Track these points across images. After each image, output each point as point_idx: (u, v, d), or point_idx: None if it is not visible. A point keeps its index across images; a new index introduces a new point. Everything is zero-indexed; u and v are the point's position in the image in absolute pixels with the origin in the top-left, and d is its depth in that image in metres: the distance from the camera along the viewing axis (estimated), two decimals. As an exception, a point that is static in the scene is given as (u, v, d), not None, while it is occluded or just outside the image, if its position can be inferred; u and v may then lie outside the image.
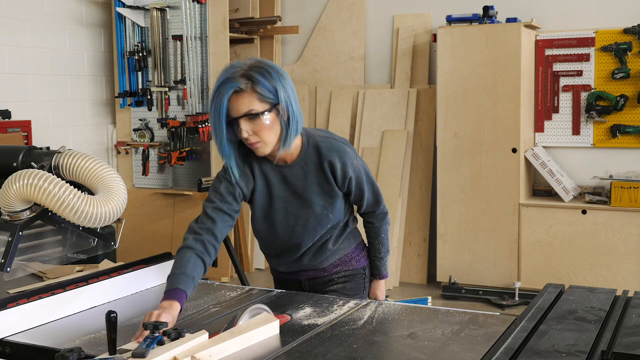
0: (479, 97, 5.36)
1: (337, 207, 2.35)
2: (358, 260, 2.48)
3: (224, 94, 2.09)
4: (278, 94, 2.12)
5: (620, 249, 5.04)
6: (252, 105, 2.10)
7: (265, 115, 2.12)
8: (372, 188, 2.41)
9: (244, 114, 2.11)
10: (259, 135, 2.14)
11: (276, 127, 2.16)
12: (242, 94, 2.10)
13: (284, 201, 2.32)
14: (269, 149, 2.19)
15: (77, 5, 5.96)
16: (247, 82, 2.09)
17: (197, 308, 2.17)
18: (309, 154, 2.29)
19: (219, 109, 2.10)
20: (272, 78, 2.12)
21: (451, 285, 5.46)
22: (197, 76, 5.95)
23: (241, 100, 2.10)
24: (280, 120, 2.16)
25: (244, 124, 2.12)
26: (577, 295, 2.04)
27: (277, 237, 2.38)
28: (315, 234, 2.36)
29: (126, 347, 1.70)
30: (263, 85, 2.10)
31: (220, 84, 2.11)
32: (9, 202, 2.17)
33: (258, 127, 2.13)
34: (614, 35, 5.31)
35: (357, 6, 6.27)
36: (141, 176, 6.25)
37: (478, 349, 1.73)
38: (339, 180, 2.30)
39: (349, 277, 2.46)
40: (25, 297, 2.03)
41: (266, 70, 2.12)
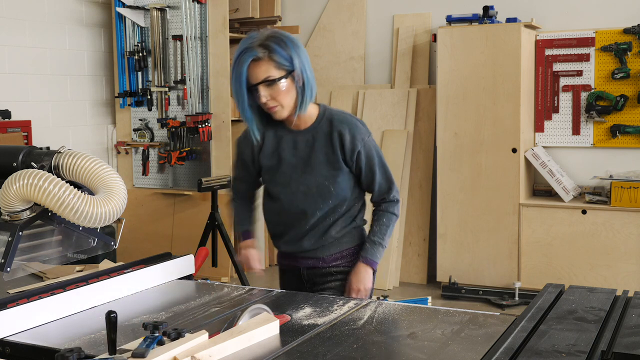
0: (479, 97, 5.36)
1: (340, 181, 2.42)
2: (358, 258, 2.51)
3: (243, 62, 2.27)
4: (293, 61, 2.30)
5: (620, 249, 5.04)
6: (269, 72, 2.28)
7: (282, 82, 2.29)
8: (384, 171, 2.47)
9: (262, 81, 2.28)
10: (277, 99, 2.32)
11: (292, 92, 2.33)
12: (260, 62, 2.27)
13: (291, 166, 2.44)
14: (286, 112, 2.36)
15: (77, 5, 5.97)
16: (265, 51, 2.27)
17: (197, 308, 2.17)
18: (322, 124, 2.43)
19: (240, 77, 2.28)
20: (287, 47, 2.29)
21: (451, 285, 5.46)
22: (197, 76, 5.95)
23: (259, 68, 2.28)
24: (295, 86, 2.33)
25: (262, 90, 2.30)
26: (577, 295, 2.04)
27: (281, 204, 2.51)
28: (316, 205, 2.43)
29: (126, 347, 1.70)
30: (279, 54, 2.27)
31: (240, 53, 2.29)
32: (9, 202, 2.17)
33: (275, 92, 2.30)
34: (614, 35, 5.31)
35: (357, 6, 6.27)
36: (141, 176, 6.25)
37: (478, 349, 1.73)
38: (346, 152, 2.40)
39: (347, 274, 2.49)
40: (25, 297, 2.03)
41: (282, 39, 2.29)
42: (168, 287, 2.41)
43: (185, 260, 2.54)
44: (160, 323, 1.68)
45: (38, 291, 2.09)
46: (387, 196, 2.49)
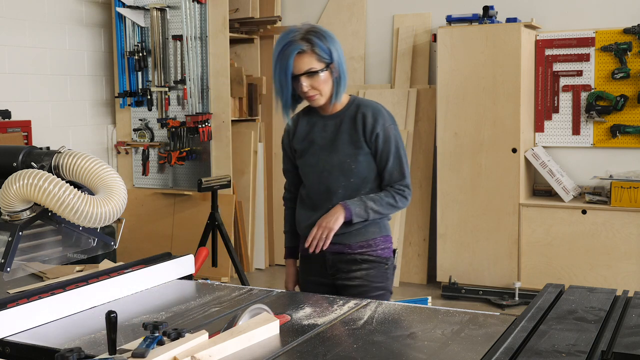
0: (479, 97, 5.36)
1: (361, 160, 2.56)
2: (383, 249, 2.62)
3: (289, 54, 2.45)
4: (332, 54, 2.50)
5: (620, 249, 5.04)
6: (312, 64, 2.47)
7: (322, 73, 2.49)
8: (399, 162, 2.58)
9: (305, 72, 2.48)
10: (317, 88, 2.51)
11: (329, 82, 2.53)
12: (304, 54, 2.46)
13: (319, 147, 2.62)
14: (323, 100, 2.55)
15: (77, 5, 5.97)
16: (308, 45, 2.46)
17: (197, 308, 2.17)
18: (350, 109, 2.61)
19: (286, 68, 2.46)
20: (326, 41, 2.49)
21: (451, 285, 5.46)
22: (197, 76, 5.95)
23: (302, 60, 2.47)
24: (332, 77, 2.52)
25: (304, 80, 2.49)
26: (577, 295, 2.04)
27: (310, 185, 2.65)
28: (338, 181, 2.57)
29: (126, 347, 1.70)
30: (320, 47, 2.47)
31: (284, 46, 2.46)
32: (9, 202, 2.17)
33: (316, 82, 2.50)
34: (614, 35, 5.31)
35: (357, 6, 6.27)
36: (141, 176, 6.25)
37: (478, 349, 1.73)
38: (367, 132, 2.55)
39: (372, 265, 2.59)
40: (25, 297, 2.03)
41: (322, 34, 2.49)
42: (168, 287, 2.41)
43: (185, 260, 2.54)
44: (160, 323, 1.68)
45: (38, 291, 2.09)
46: (395, 184, 2.60)
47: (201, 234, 5.32)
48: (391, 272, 2.66)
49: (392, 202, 2.58)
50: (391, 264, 2.66)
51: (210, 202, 5.33)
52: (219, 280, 5.60)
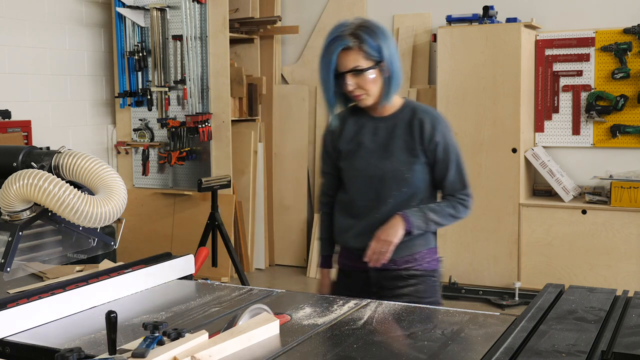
0: (479, 97, 5.36)
1: (416, 170, 2.40)
2: (430, 262, 2.49)
3: (333, 50, 2.32)
4: (382, 52, 2.32)
5: (620, 249, 5.04)
6: (358, 62, 2.31)
7: (370, 72, 2.32)
8: (459, 171, 2.44)
9: (350, 70, 2.32)
10: (363, 88, 2.35)
11: (379, 82, 2.36)
12: (350, 51, 2.31)
13: (369, 151, 2.44)
14: (371, 100, 2.39)
15: (77, 5, 5.97)
16: (355, 41, 2.30)
17: (197, 308, 2.17)
18: (404, 112, 2.44)
19: (328, 64, 2.33)
20: (377, 37, 2.32)
21: (451, 285, 5.46)
22: (197, 76, 5.95)
23: (348, 57, 2.31)
24: (382, 76, 2.35)
25: (349, 79, 2.33)
26: (577, 295, 2.04)
27: (355, 191, 2.47)
28: (390, 191, 2.40)
29: (126, 347, 1.70)
30: (369, 44, 2.30)
31: (330, 41, 2.34)
32: (9, 202, 2.17)
33: (362, 81, 2.34)
34: (614, 35, 5.31)
35: (357, 6, 6.27)
36: (141, 176, 6.25)
37: (478, 349, 1.73)
38: (425, 140, 2.39)
39: (420, 279, 2.44)
40: (25, 297, 2.03)
41: (372, 30, 2.32)
42: (168, 287, 2.40)
43: (185, 260, 2.54)
44: (160, 323, 1.68)
45: (38, 291, 2.09)
46: (456, 194, 2.45)
47: (201, 234, 5.32)
48: (439, 285, 2.52)
49: (452, 213, 2.43)
50: (439, 276, 2.53)
51: (210, 202, 5.33)
52: (219, 280, 5.60)
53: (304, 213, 6.44)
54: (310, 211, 6.47)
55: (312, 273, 6.13)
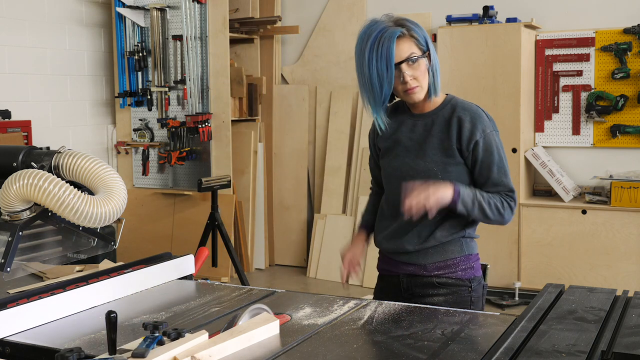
0: (479, 97, 5.36)
1: (450, 171, 2.25)
2: (465, 269, 2.31)
3: (388, 39, 2.18)
4: (427, 42, 2.26)
5: (620, 249, 5.04)
6: (412, 49, 2.22)
7: (424, 59, 2.24)
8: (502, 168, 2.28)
9: (406, 58, 2.20)
10: (418, 79, 2.25)
11: (427, 74, 2.28)
12: (403, 39, 2.21)
13: (404, 149, 2.33)
14: (423, 93, 2.28)
15: (77, 5, 5.97)
16: (404, 29, 2.22)
17: (197, 308, 2.17)
18: (445, 109, 2.33)
19: (386, 55, 2.17)
20: (419, 29, 2.26)
21: (451, 285, 5.45)
22: (197, 76, 5.95)
23: (402, 45, 2.20)
24: (429, 69, 2.27)
25: (406, 69, 2.22)
26: (577, 295, 2.04)
27: (390, 190, 2.37)
28: None
29: (126, 347, 1.70)
30: (417, 32, 2.23)
31: (378, 32, 2.20)
32: (9, 202, 2.17)
33: (417, 72, 2.24)
34: (614, 35, 5.31)
35: (357, 6, 6.27)
36: (141, 176, 6.25)
37: (478, 349, 1.73)
38: (463, 140, 2.26)
39: (452, 289, 2.29)
40: (25, 297, 2.03)
41: (410, 21, 2.26)
42: (168, 287, 2.40)
43: (185, 260, 2.54)
44: (161, 323, 1.68)
45: (38, 291, 2.09)
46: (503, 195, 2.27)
47: (201, 234, 5.32)
48: (478, 295, 2.33)
49: (499, 208, 2.25)
50: (478, 285, 2.33)
51: (210, 202, 5.33)
52: (219, 280, 5.60)
53: (304, 213, 6.44)
54: (310, 211, 6.47)
55: (312, 273, 6.13)
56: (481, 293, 2.35)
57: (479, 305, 2.34)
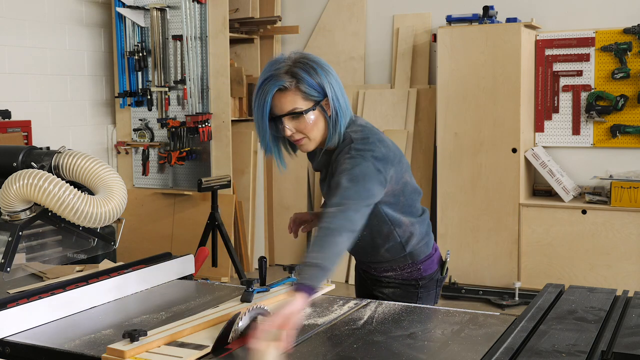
0: (479, 97, 5.36)
1: None
2: (411, 272, 2.36)
3: (267, 91, 2.06)
4: (324, 89, 2.10)
5: (620, 249, 5.04)
6: (295, 104, 2.08)
7: (309, 114, 2.09)
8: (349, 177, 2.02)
9: (287, 113, 2.08)
10: (303, 132, 2.12)
11: (320, 123, 2.13)
12: (286, 92, 2.07)
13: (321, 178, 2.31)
14: (312, 145, 2.17)
15: (77, 5, 5.97)
16: (292, 80, 2.06)
17: (197, 308, 2.17)
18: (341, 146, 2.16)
19: (262, 107, 2.08)
20: (317, 74, 2.08)
21: (451, 285, 5.46)
22: (197, 76, 5.95)
23: (285, 99, 2.07)
24: (324, 116, 2.13)
25: (287, 122, 2.10)
26: (577, 295, 2.04)
27: None
28: None
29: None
30: (307, 83, 2.07)
31: (264, 80, 2.09)
32: (9, 202, 2.17)
33: (302, 125, 2.11)
34: (614, 35, 5.31)
35: (357, 6, 6.27)
36: (141, 176, 6.25)
37: (478, 349, 1.73)
38: None
39: (399, 285, 2.38)
40: (25, 297, 2.03)
41: (311, 66, 2.08)
42: (168, 287, 2.41)
43: (185, 260, 2.54)
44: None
45: (38, 291, 2.09)
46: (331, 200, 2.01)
47: (201, 234, 5.32)
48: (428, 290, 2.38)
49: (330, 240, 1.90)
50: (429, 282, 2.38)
51: (210, 202, 5.33)
52: (219, 280, 5.60)
53: (304, 213, 6.44)
54: (311, 211, 6.47)
55: (312, 273, 6.12)
56: (434, 287, 2.41)
57: (429, 299, 2.39)
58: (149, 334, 1.75)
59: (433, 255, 2.43)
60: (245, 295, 2.08)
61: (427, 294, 2.39)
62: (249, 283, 2.09)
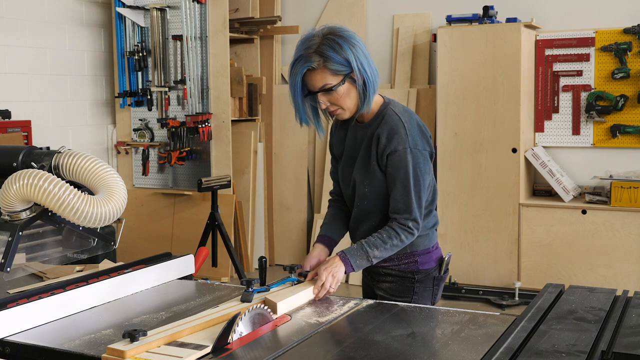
0: (479, 97, 5.36)
1: (375, 187, 2.35)
2: (408, 264, 2.42)
3: (298, 72, 2.26)
4: (350, 63, 2.25)
5: (620, 249, 5.04)
6: (325, 81, 2.25)
7: (340, 87, 2.26)
8: (405, 187, 2.29)
9: (319, 90, 2.27)
10: (337, 103, 2.30)
11: (352, 93, 2.30)
12: (315, 71, 2.24)
13: (346, 158, 2.46)
14: (348, 114, 2.35)
15: (77, 5, 5.97)
16: (319, 59, 2.23)
17: (197, 308, 2.17)
18: (377, 120, 2.38)
19: (295, 86, 2.29)
20: (342, 50, 2.23)
21: (451, 285, 5.46)
22: (197, 76, 5.95)
23: (315, 77, 2.25)
24: (356, 85, 2.29)
25: (321, 97, 2.29)
26: (577, 295, 2.04)
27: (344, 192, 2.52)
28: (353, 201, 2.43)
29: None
30: (334, 60, 2.23)
31: (295, 60, 2.27)
32: (9, 202, 2.17)
33: (335, 98, 2.29)
34: (614, 35, 5.31)
35: (357, 6, 6.27)
36: (141, 176, 6.25)
37: (478, 349, 1.73)
38: (379, 156, 2.33)
39: (395, 279, 2.42)
40: (25, 297, 2.03)
41: (337, 42, 2.23)
42: (168, 287, 2.41)
43: (185, 260, 2.54)
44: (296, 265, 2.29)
45: (38, 291, 2.09)
46: (399, 217, 2.31)
47: (201, 234, 5.32)
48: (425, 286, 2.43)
49: (397, 243, 2.30)
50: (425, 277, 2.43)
51: (210, 202, 5.33)
52: (219, 280, 5.60)
53: (304, 213, 6.44)
54: (310, 211, 6.48)
55: (312, 273, 6.12)
56: (431, 285, 2.45)
57: (426, 296, 2.44)
58: (149, 334, 1.75)
59: (432, 252, 2.47)
60: (245, 295, 2.08)
61: (423, 290, 2.43)
62: (249, 283, 2.10)
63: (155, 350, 1.70)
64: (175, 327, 1.82)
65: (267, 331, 1.89)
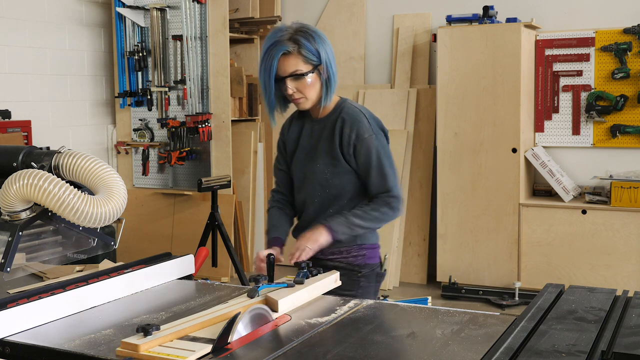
0: (479, 97, 5.36)
1: (338, 172, 2.48)
2: (356, 256, 2.53)
3: (274, 55, 2.37)
4: (320, 56, 2.41)
5: (620, 249, 5.04)
6: (297, 66, 2.39)
7: (309, 75, 2.41)
8: (380, 170, 2.45)
9: (290, 74, 2.39)
10: (302, 92, 2.43)
11: (317, 85, 2.45)
12: (289, 56, 2.38)
13: (304, 152, 2.56)
14: (309, 104, 2.48)
15: (77, 5, 5.97)
16: (294, 46, 2.37)
17: (197, 308, 2.16)
18: (334, 115, 2.51)
19: (269, 69, 2.39)
20: (315, 42, 2.40)
21: (451, 285, 5.46)
22: (197, 76, 5.95)
23: (288, 62, 2.38)
24: (321, 79, 2.44)
25: (289, 83, 2.41)
26: (577, 295, 2.04)
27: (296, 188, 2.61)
28: (315, 192, 2.53)
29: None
30: (307, 49, 2.38)
31: (270, 46, 2.38)
32: (9, 202, 2.17)
33: (302, 86, 2.42)
34: (614, 35, 5.31)
35: (357, 6, 6.27)
36: (141, 176, 6.25)
37: (478, 349, 1.73)
38: (344, 145, 2.46)
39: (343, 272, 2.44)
40: (25, 297, 2.03)
41: (310, 34, 2.40)
42: (168, 287, 2.40)
43: (185, 260, 2.54)
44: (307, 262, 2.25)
45: (38, 291, 2.09)
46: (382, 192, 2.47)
47: (201, 234, 5.32)
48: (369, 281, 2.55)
49: (378, 216, 2.45)
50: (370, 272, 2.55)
51: (210, 202, 5.33)
52: (219, 280, 5.60)
53: (304, 213, 6.44)
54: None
55: (312, 273, 6.12)
56: (374, 280, 2.58)
57: (369, 291, 2.55)
58: (162, 329, 1.77)
59: (377, 248, 2.61)
60: (251, 292, 2.09)
61: (368, 285, 2.55)
62: (256, 280, 2.12)
63: (168, 344, 1.72)
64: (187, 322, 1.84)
65: (267, 331, 1.89)
